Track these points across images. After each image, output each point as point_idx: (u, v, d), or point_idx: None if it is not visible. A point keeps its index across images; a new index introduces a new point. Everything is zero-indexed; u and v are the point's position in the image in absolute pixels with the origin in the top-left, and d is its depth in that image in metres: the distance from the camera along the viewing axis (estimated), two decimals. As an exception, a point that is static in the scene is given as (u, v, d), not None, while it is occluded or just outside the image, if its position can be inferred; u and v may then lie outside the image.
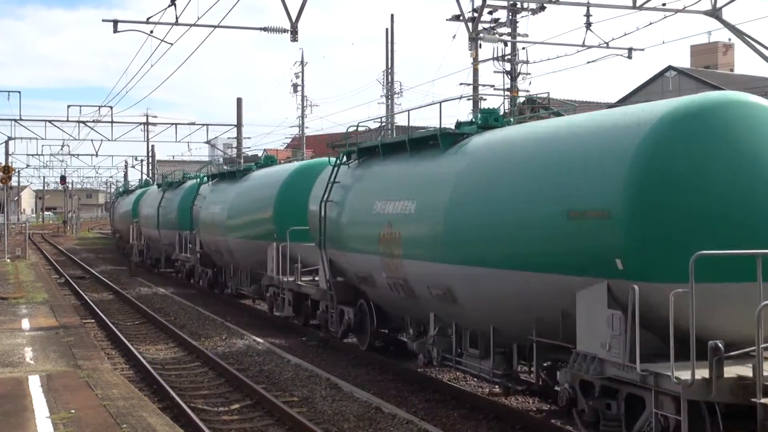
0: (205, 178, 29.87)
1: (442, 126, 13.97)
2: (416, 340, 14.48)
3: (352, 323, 16.86)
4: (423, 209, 13.22)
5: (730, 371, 8.29)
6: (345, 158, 17.13)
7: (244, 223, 23.78)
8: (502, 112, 14.45)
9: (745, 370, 8.27)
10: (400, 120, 50.94)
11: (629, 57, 26.73)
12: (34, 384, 12.49)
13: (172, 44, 23.94)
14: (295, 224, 19.59)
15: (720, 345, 8.21)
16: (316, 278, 18.56)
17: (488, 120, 13.89)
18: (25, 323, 19.36)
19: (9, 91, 51.23)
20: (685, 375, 8.29)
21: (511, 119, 14.48)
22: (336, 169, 17.00)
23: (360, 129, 17.66)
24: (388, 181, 15.05)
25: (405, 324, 15.41)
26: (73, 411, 10.78)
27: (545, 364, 11.64)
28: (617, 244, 9.22)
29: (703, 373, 8.21)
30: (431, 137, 14.06)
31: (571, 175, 10.13)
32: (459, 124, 14.11)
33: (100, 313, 23.26)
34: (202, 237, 28.20)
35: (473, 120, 14.18)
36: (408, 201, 13.73)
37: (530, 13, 34.25)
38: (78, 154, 70.57)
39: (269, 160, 26.31)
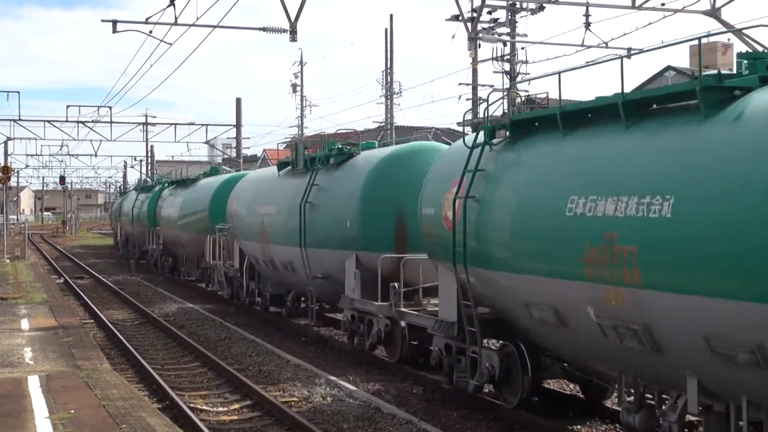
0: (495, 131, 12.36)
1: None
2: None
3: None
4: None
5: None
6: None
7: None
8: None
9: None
10: (400, 120, 50.97)
11: (628, 57, 26.72)
12: (34, 384, 12.48)
13: (171, 44, 24.00)
14: None
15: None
16: None
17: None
18: (25, 323, 19.36)
19: (8, 92, 50.88)
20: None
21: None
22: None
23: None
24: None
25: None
26: (72, 411, 10.78)
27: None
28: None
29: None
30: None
31: None
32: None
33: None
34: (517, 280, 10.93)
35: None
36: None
37: (529, 13, 34.25)
38: (77, 155, 70.38)
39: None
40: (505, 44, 34.85)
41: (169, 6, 21.76)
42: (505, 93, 12.85)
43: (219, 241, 25.87)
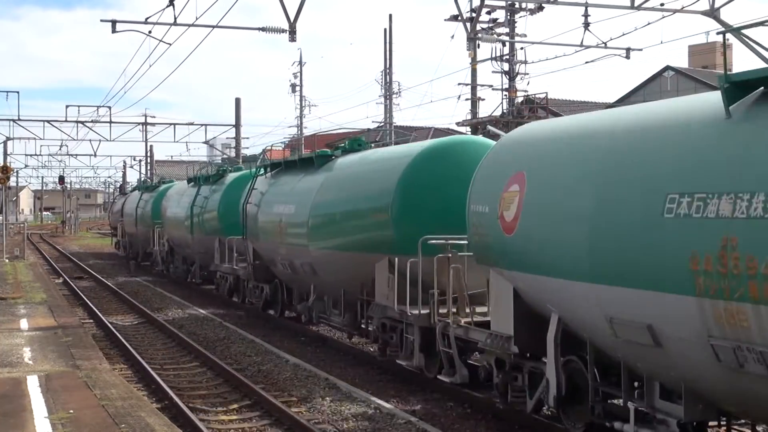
0: None
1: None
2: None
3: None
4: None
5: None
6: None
7: None
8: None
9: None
10: (399, 120, 51.02)
11: (627, 57, 26.77)
12: (33, 384, 12.49)
13: (170, 44, 23.96)
14: None
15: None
16: None
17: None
18: (24, 323, 19.36)
19: (7, 92, 50.89)
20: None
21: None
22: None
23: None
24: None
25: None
26: (71, 411, 10.79)
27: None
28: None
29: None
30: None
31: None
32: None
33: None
34: None
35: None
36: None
37: (528, 13, 34.29)
38: (76, 155, 70.28)
39: None
40: (504, 44, 34.90)
41: (168, 6, 21.75)
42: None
43: (434, 266, 13.01)
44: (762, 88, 7.85)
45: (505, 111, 35.49)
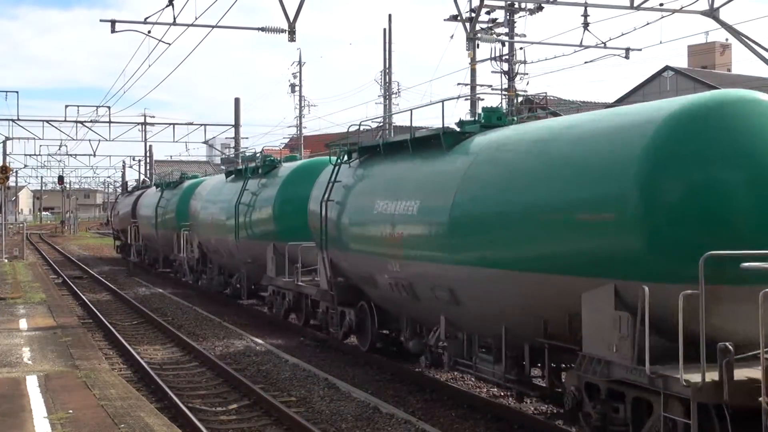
0: None
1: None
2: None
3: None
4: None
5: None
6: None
7: None
8: None
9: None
10: (399, 120, 51.04)
11: (627, 57, 26.79)
12: (32, 384, 12.48)
13: (169, 44, 23.97)
14: None
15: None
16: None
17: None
18: (23, 323, 19.34)
19: (6, 92, 50.75)
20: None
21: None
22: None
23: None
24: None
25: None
26: (70, 411, 10.78)
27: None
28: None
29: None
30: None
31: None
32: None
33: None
34: None
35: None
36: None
37: (528, 13, 34.31)
38: (76, 154, 70.44)
39: None
40: (503, 44, 34.91)
41: (167, 6, 21.75)
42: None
43: (759, 307, 7.58)
44: None
45: (504, 111, 35.45)
